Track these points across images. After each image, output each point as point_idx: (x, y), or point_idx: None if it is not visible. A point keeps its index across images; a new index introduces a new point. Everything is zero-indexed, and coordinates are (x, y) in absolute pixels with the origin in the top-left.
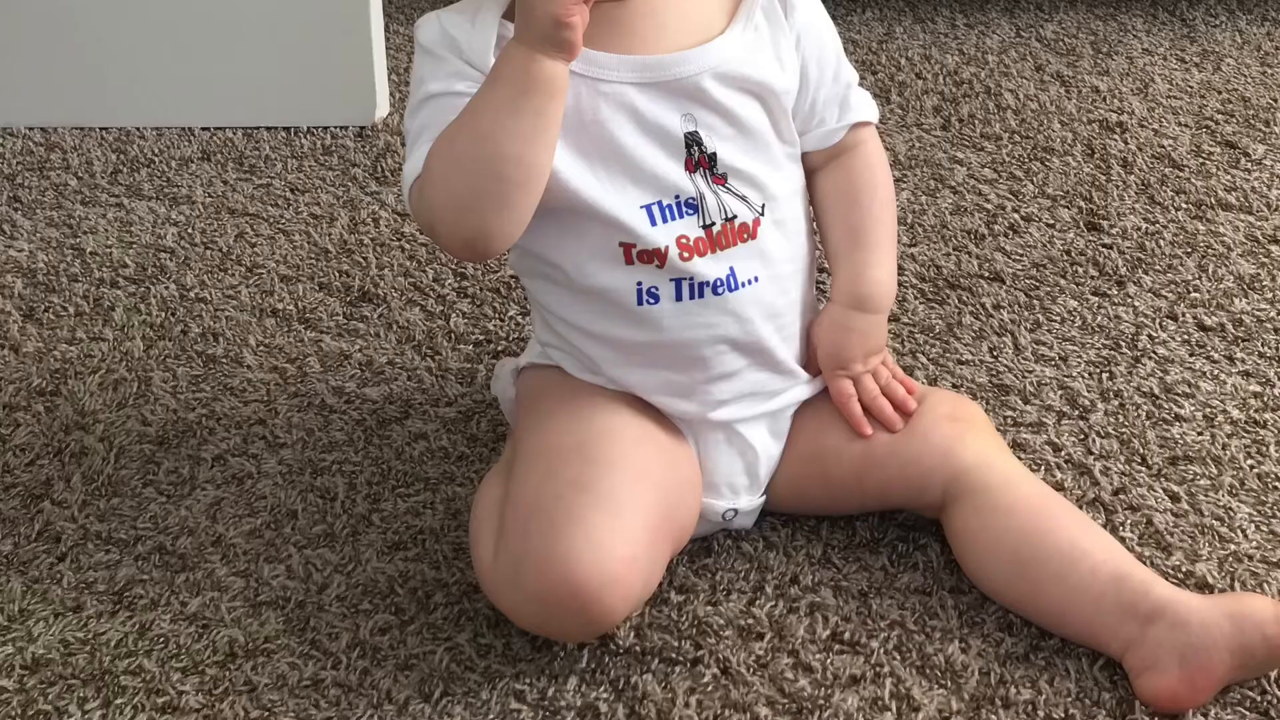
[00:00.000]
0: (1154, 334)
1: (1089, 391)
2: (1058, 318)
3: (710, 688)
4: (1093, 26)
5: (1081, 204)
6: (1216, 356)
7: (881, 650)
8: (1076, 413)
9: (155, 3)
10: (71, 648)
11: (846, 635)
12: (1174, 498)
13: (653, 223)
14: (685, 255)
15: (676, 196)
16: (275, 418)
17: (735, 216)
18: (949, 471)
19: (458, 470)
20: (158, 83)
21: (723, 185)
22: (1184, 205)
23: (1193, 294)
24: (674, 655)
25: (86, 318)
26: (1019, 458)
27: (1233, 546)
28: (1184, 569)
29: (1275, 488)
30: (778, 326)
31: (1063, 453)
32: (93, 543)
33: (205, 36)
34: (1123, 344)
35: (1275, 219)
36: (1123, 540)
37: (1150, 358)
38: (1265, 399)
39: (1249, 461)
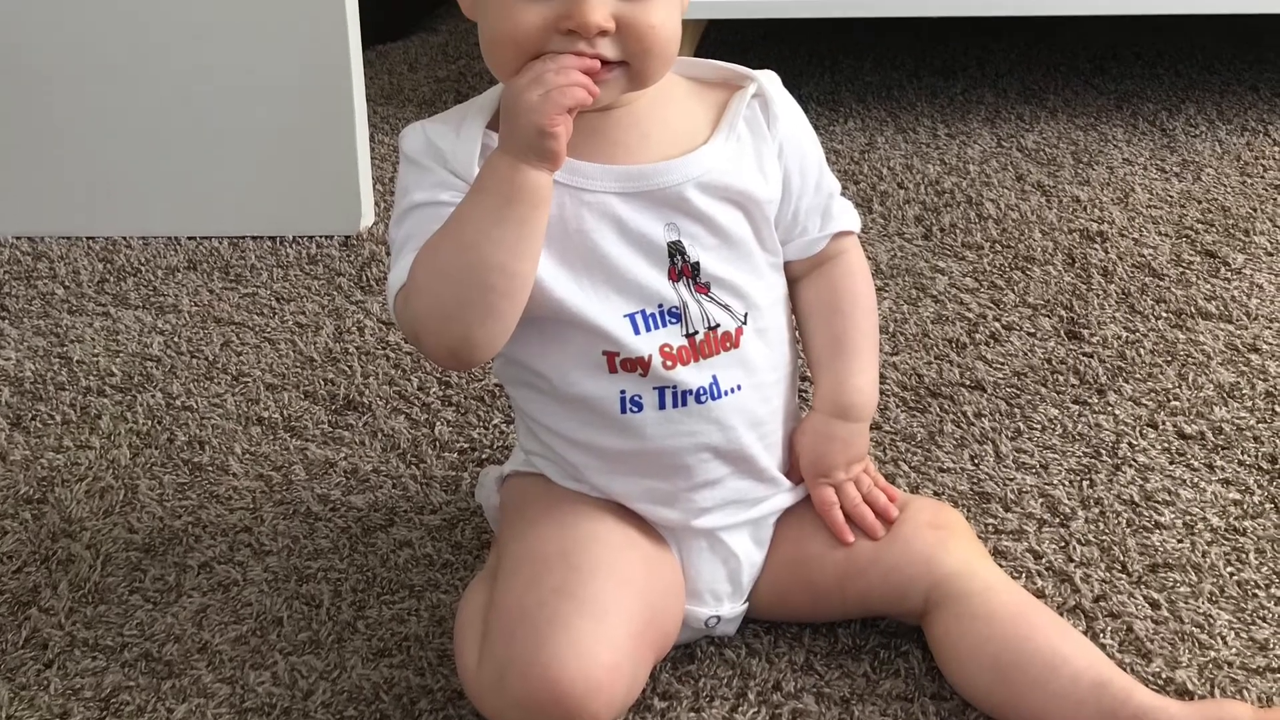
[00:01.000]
0: (1134, 442)
1: (1070, 499)
2: (1039, 426)
3: None
4: (1073, 137)
5: (1062, 313)
6: (1196, 464)
7: None
8: (1057, 520)
9: (141, 113)
10: None
11: None
12: (1154, 605)
13: (636, 331)
14: (668, 364)
15: (660, 305)
16: (261, 525)
17: (718, 325)
18: (931, 579)
19: (442, 577)
20: (144, 192)
21: (706, 294)
22: (1164, 314)
23: (1173, 402)
24: None
25: (73, 426)
26: (1000, 565)
27: (1213, 653)
28: (1164, 676)
29: (1254, 595)
30: (760, 435)
31: (1044, 560)
32: (79, 649)
33: (191, 147)
34: (1103, 452)
35: (1255, 328)
36: (1103, 647)
37: (1130, 465)
38: (1245, 506)
39: (1228, 569)
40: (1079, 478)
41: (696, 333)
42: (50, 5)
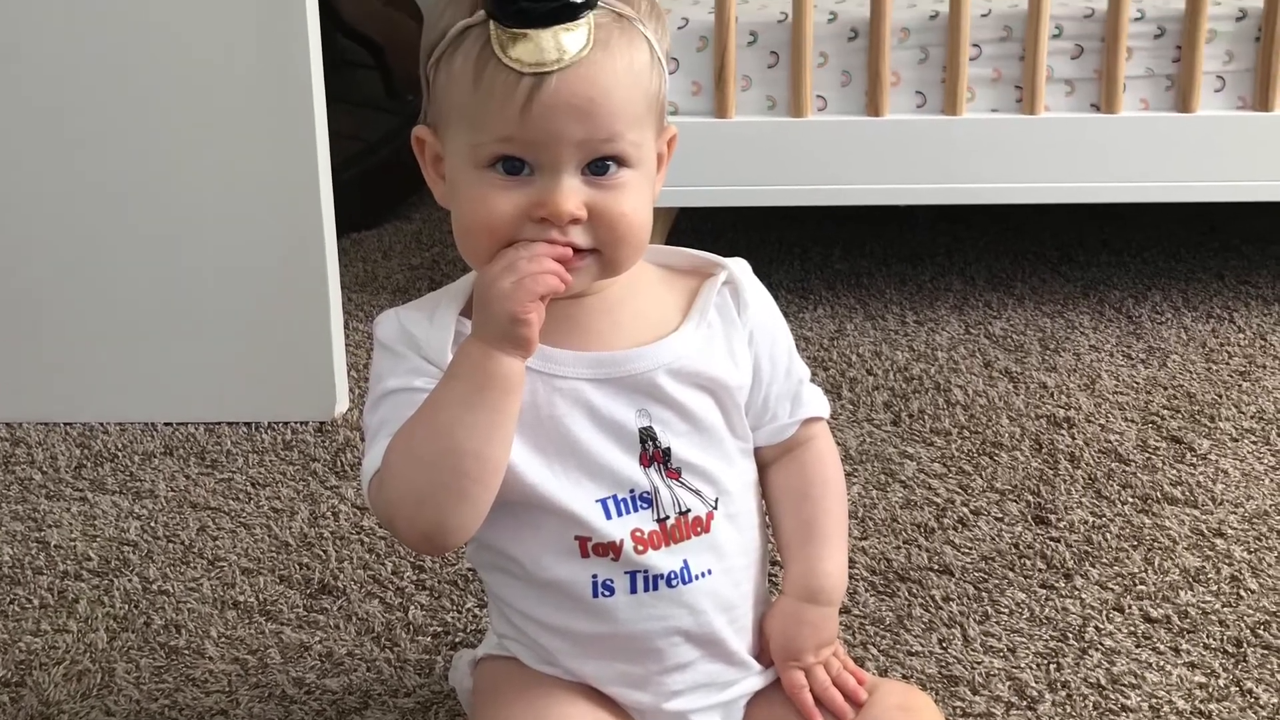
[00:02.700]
0: (1101, 625)
1: (1037, 682)
2: (1006, 610)
3: None
4: (1040, 324)
5: (1029, 498)
6: (1163, 648)
7: None
8: (1025, 703)
9: (118, 300)
10: None
11: None
12: None
13: (608, 516)
14: (640, 548)
15: (631, 491)
16: (237, 708)
17: (689, 510)
18: None
19: None
20: (121, 379)
21: (677, 479)
22: (1130, 499)
23: (1139, 586)
24: None
25: (51, 609)
26: None
27: None
28: None
29: None
30: (731, 618)
31: None
32: None
33: (168, 333)
34: (1070, 635)
35: (1220, 513)
36: None
37: (1097, 649)
38: (1210, 690)
39: None
40: (1046, 661)
41: (668, 518)
42: (27, 191)
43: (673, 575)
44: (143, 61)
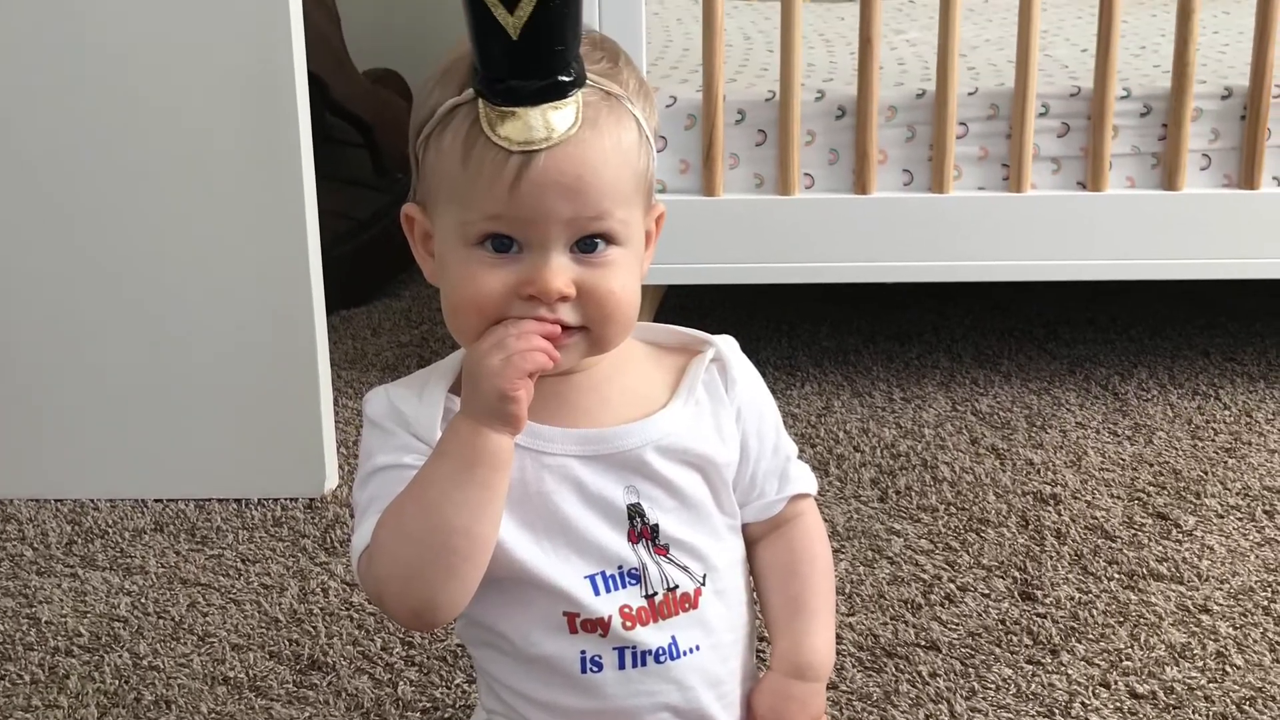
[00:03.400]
0: (1087, 701)
1: None
2: (993, 685)
3: None
4: (1027, 401)
5: (1016, 574)
6: None
7: None
8: None
9: (109, 377)
10: None
11: None
12: None
13: (596, 593)
14: (628, 624)
15: (620, 567)
16: None
17: (677, 586)
18: None
19: None
20: (111, 455)
21: (664, 556)
22: (1116, 575)
23: (1125, 662)
24: None
25: (42, 685)
26: None
27: None
28: None
29: None
30: (719, 694)
31: None
32: None
33: (158, 410)
34: (1056, 711)
35: (1206, 589)
36: None
37: None
38: None
39: None
40: None
41: (656, 594)
42: (18, 268)
43: (661, 651)
44: (133, 139)
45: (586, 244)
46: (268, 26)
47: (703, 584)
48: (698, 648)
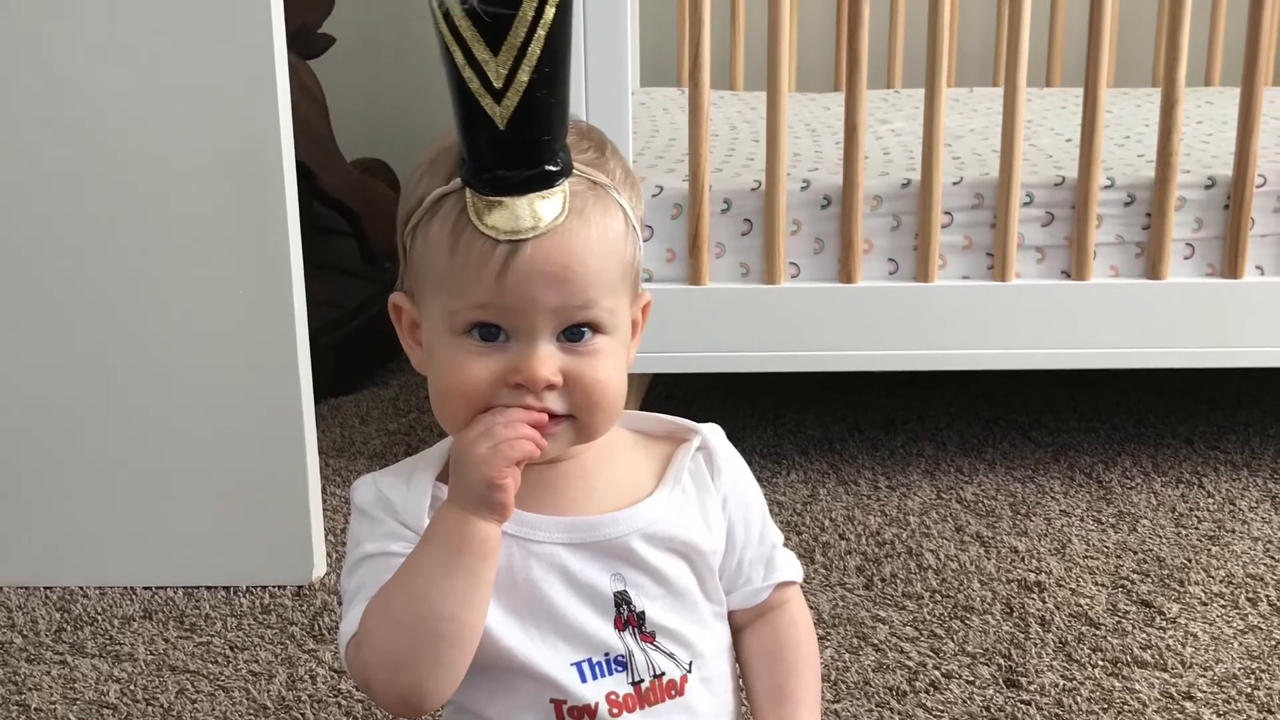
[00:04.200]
0: None
1: None
2: None
3: None
4: (1011, 489)
5: (1001, 661)
6: None
7: None
8: None
9: (97, 464)
10: None
11: None
12: None
13: (583, 679)
14: (615, 711)
15: (606, 654)
16: None
17: (663, 674)
18: None
19: None
20: (100, 543)
21: (651, 643)
22: (1100, 663)
23: None
24: None
25: None
26: None
27: None
28: None
29: None
30: None
31: None
32: None
33: (147, 498)
34: None
35: (1189, 675)
36: None
37: None
38: None
39: None
40: None
41: (642, 681)
42: (6, 357)
43: None
44: (123, 227)
45: (573, 332)
46: (256, 117)
47: (689, 671)
48: None
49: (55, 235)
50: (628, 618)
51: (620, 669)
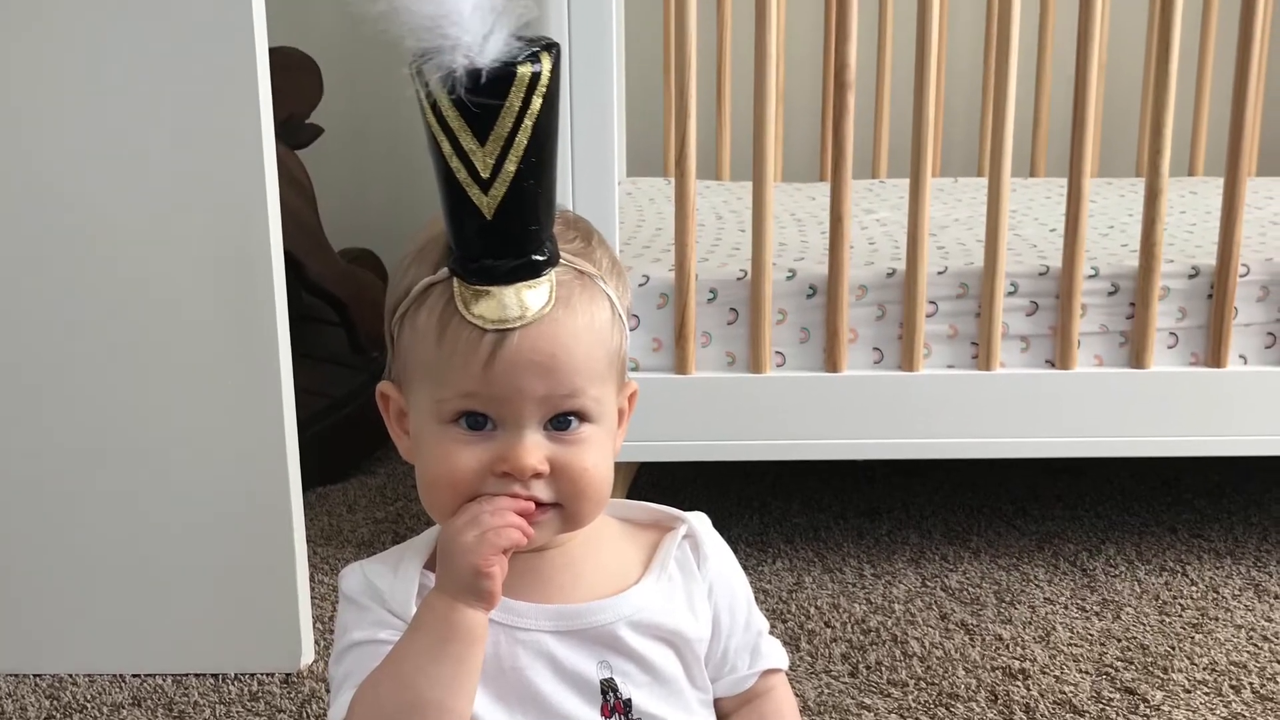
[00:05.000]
0: None
1: None
2: None
3: None
4: (996, 576)
5: None
6: None
7: None
8: None
9: (86, 553)
10: None
11: None
12: None
13: None
14: None
15: None
16: None
17: None
18: None
19: None
20: (89, 631)
21: None
22: None
23: None
24: None
25: None
26: None
27: None
28: None
29: None
30: None
31: None
32: None
33: (135, 587)
34: None
35: None
36: None
37: None
38: None
39: None
40: None
41: None
42: None
43: None
44: (109, 317)
45: (560, 421)
46: (244, 207)
47: None
48: None
49: (42, 324)
50: (614, 705)
51: None
